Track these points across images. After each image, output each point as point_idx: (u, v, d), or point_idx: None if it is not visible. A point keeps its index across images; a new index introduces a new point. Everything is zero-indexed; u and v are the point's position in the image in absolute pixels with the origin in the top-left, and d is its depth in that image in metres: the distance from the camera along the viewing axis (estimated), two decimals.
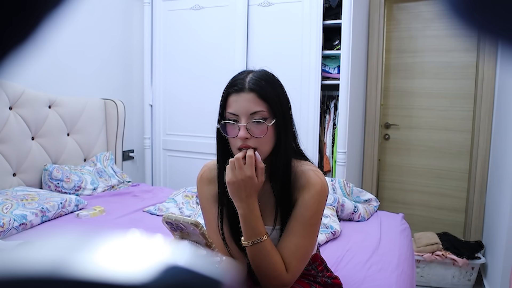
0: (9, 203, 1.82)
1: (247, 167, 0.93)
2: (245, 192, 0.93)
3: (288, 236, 0.99)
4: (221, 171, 1.03)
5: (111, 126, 2.82)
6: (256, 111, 0.95)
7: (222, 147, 1.04)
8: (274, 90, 0.98)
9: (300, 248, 0.99)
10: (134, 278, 0.17)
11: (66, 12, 0.20)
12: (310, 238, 1.00)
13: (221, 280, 0.19)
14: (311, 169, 1.03)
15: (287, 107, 1.02)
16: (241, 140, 0.95)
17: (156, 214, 2.12)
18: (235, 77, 1.01)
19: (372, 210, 2.23)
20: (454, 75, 2.99)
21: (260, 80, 0.97)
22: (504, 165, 2.24)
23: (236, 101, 0.96)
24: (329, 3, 2.55)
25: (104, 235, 0.20)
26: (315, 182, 1.00)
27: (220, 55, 2.81)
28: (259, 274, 0.99)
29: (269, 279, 0.98)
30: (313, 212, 0.99)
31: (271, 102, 0.96)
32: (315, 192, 0.99)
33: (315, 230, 1.02)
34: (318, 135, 2.63)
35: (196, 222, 0.77)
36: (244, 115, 0.95)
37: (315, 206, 0.99)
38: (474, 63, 2.91)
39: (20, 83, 2.24)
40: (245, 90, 0.96)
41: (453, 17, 0.20)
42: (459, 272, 2.53)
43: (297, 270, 1.00)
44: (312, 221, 1.00)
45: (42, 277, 0.17)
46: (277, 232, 1.03)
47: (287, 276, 0.97)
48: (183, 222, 0.78)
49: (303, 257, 1.00)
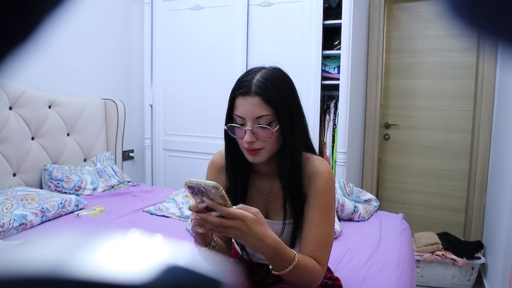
0: (9, 203, 1.82)
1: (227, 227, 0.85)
2: (252, 239, 0.85)
3: (312, 229, 1.00)
4: (229, 166, 1.07)
5: (111, 126, 2.82)
6: (262, 115, 0.97)
7: (230, 144, 1.07)
8: (281, 92, 0.98)
9: (326, 237, 1.01)
10: (134, 278, 0.17)
11: (66, 12, 0.20)
12: (330, 225, 1.03)
13: (221, 280, 0.19)
14: (316, 159, 1.07)
15: (295, 107, 1.02)
16: (247, 143, 0.98)
17: (156, 214, 2.12)
18: (242, 77, 1.02)
19: (372, 210, 2.23)
20: (454, 75, 2.99)
21: (266, 82, 0.97)
22: (504, 165, 2.24)
23: (242, 104, 0.98)
24: (329, 3, 2.55)
25: (104, 235, 0.20)
26: (322, 170, 1.03)
27: (220, 55, 2.81)
28: (298, 285, 0.98)
29: (310, 284, 0.97)
30: (327, 199, 1.02)
31: (277, 106, 0.97)
32: (324, 179, 1.02)
33: (333, 217, 1.04)
34: (318, 135, 2.63)
35: (216, 184, 0.80)
36: (250, 118, 0.97)
37: (328, 193, 1.02)
38: (474, 63, 2.91)
39: (20, 83, 2.24)
40: (251, 94, 0.97)
41: (453, 17, 0.20)
42: (459, 272, 2.53)
43: (327, 259, 1.02)
44: (328, 208, 1.02)
45: (42, 277, 0.17)
46: (289, 226, 1.05)
47: (322, 271, 0.99)
48: (204, 185, 0.81)
49: (329, 245, 1.03)
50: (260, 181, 1.11)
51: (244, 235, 0.83)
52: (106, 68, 2.92)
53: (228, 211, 0.82)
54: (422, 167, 3.14)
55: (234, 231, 0.83)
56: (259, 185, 1.11)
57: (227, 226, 0.82)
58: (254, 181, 1.11)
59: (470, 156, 2.95)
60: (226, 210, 0.82)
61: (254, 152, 0.99)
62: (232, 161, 1.07)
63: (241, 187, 1.09)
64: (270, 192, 1.09)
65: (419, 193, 3.17)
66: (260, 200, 1.10)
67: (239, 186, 1.08)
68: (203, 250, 0.98)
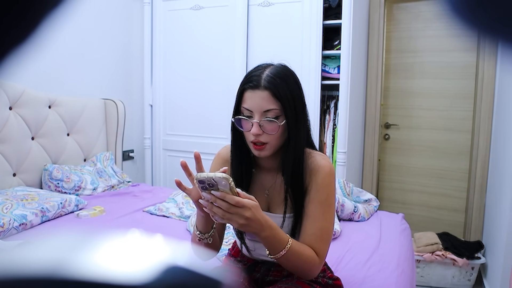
0: (9, 203, 1.82)
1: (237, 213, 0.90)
2: (254, 224, 0.90)
3: (311, 222, 1.03)
4: (234, 158, 1.10)
5: (111, 126, 2.82)
6: (269, 109, 1.00)
7: (236, 137, 1.09)
8: (288, 88, 1.01)
9: (324, 230, 1.03)
10: (134, 278, 0.17)
11: (66, 12, 0.20)
12: (330, 219, 1.05)
13: (220, 280, 0.19)
14: (318, 154, 1.09)
15: (301, 104, 1.05)
16: (254, 136, 1.01)
17: (156, 214, 2.12)
18: (252, 72, 1.04)
19: (372, 210, 2.23)
20: (454, 75, 2.99)
21: (275, 77, 1.00)
22: (504, 165, 2.25)
23: (251, 97, 1.00)
24: (329, 3, 2.55)
25: (104, 235, 0.20)
26: (323, 164, 1.05)
27: (220, 55, 2.81)
28: (295, 272, 1.04)
29: (306, 272, 1.01)
30: (327, 193, 1.04)
31: (284, 101, 1.00)
32: (325, 174, 1.04)
33: (332, 211, 1.06)
34: (318, 135, 2.63)
35: (227, 176, 0.85)
36: (257, 112, 1.00)
37: (328, 187, 1.04)
38: (474, 63, 2.91)
39: (20, 83, 2.24)
40: (260, 88, 0.99)
41: (453, 17, 0.20)
42: (459, 272, 2.53)
43: (325, 252, 1.04)
44: (328, 202, 1.04)
45: (42, 277, 0.17)
46: (290, 220, 1.07)
47: (319, 262, 1.02)
48: (215, 178, 0.85)
49: (328, 239, 1.05)
50: (263, 175, 1.13)
51: (248, 220, 0.88)
52: (106, 68, 2.92)
53: (237, 200, 0.87)
54: (422, 167, 3.14)
55: (238, 218, 0.88)
56: (262, 179, 1.13)
57: (234, 212, 0.88)
58: (257, 175, 1.14)
59: (470, 156, 2.95)
60: (235, 199, 0.87)
61: (260, 147, 1.02)
62: (237, 154, 1.10)
63: (244, 180, 1.11)
64: (272, 186, 1.11)
65: (419, 193, 3.17)
66: (262, 193, 1.12)
67: (243, 179, 1.11)
68: (200, 239, 1.03)
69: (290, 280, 1.12)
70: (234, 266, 1.20)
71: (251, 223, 0.89)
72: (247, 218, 0.88)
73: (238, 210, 0.88)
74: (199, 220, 1.02)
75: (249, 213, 0.88)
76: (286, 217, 1.07)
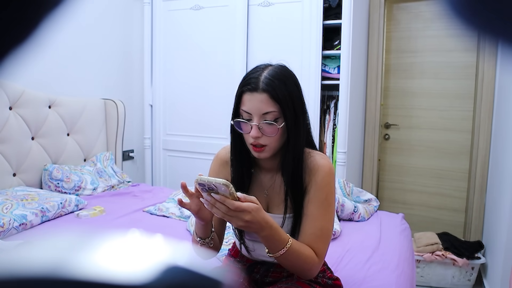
0: (9, 203, 1.82)
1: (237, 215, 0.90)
2: (254, 225, 0.91)
3: (310, 222, 1.03)
4: (234, 159, 1.11)
5: (111, 126, 2.82)
6: (268, 112, 0.99)
7: (235, 138, 1.09)
8: (287, 89, 1.01)
9: (323, 230, 1.03)
10: (134, 278, 0.17)
11: (66, 12, 0.20)
12: (329, 219, 1.05)
13: (220, 280, 0.19)
14: (317, 153, 1.09)
15: (300, 104, 1.05)
16: (253, 138, 1.01)
17: (156, 214, 2.12)
18: (250, 73, 1.03)
19: (372, 210, 2.23)
20: (454, 75, 2.99)
21: (273, 79, 0.99)
22: (504, 165, 2.24)
23: (250, 100, 1.00)
24: (329, 3, 2.55)
25: (104, 235, 0.20)
26: (323, 164, 1.06)
27: (220, 55, 2.81)
28: (295, 272, 1.04)
29: (305, 271, 1.02)
30: (327, 193, 1.04)
31: (283, 103, 0.99)
32: (324, 173, 1.04)
33: (332, 210, 1.06)
34: (318, 135, 2.63)
35: (227, 182, 0.86)
36: (256, 114, 1.00)
37: (327, 187, 1.04)
38: (474, 63, 2.91)
39: (20, 83, 2.24)
40: (258, 90, 0.99)
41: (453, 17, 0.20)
42: (459, 272, 2.53)
43: (325, 251, 1.04)
44: (327, 202, 1.04)
45: (42, 277, 0.17)
46: (289, 220, 1.07)
47: (319, 261, 1.02)
48: (215, 183, 0.86)
49: (327, 238, 1.05)
50: (263, 175, 1.13)
51: (247, 223, 0.89)
52: (106, 68, 2.92)
53: (237, 205, 0.88)
54: (422, 167, 3.14)
55: (237, 221, 0.89)
56: (261, 179, 1.13)
57: (233, 215, 0.89)
58: (256, 175, 1.14)
59: (470, 156, 2.95)
60: (234, 204, 0.88)
61: (260, 149, 1.02)
62: (237, 155, 1.10)
63: (246, 182, 1.11)
64: (271, 186, 1.12)
65: (419, 193, 3.17)
66: (262, 194, 1.12)
67: (244, 180, 1.11)
68: (201, 244, 1.03)
69: (290, 281, 1.12)
70: (234, 266, 1.20)
71: (251, 225, 0.90)
72: (247, 221, 0.89)
73: (237, 214, 0.88)
74: (198, 227, 1.03)
75: (248, 217, 0.89)
76: (286, 218, 1.07)
